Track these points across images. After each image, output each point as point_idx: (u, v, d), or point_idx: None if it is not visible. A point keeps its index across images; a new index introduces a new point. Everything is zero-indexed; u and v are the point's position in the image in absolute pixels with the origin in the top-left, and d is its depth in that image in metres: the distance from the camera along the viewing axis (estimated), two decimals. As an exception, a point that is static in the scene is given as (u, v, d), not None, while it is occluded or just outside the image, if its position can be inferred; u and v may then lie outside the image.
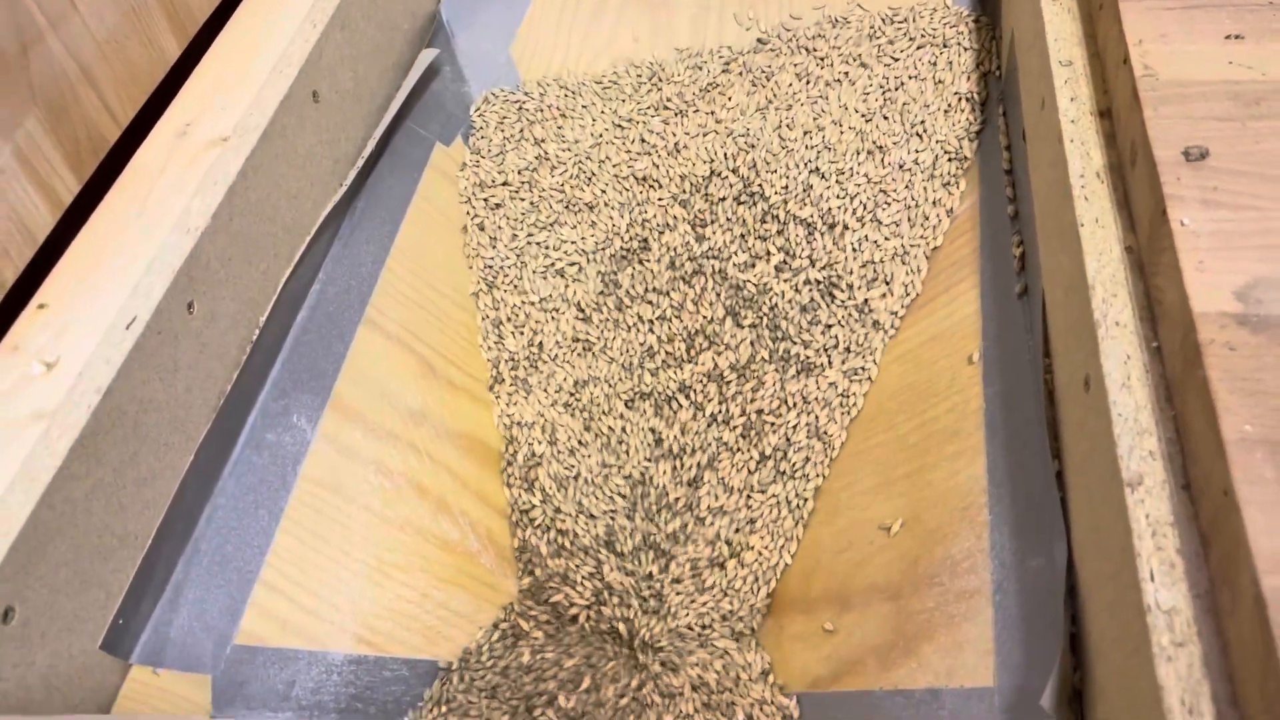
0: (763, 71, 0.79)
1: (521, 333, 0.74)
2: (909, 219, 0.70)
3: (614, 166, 0.77)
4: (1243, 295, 0.42)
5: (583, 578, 0.65)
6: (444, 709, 0.59)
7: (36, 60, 0.54)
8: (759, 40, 0.83)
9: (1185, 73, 0.51)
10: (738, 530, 0.66)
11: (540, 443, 0.70)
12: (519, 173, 0.79)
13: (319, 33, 0.68)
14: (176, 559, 0.55)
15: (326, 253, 0.70)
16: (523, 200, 0.77)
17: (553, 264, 0.75)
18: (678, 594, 0.64)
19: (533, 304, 0.75)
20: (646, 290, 0.70)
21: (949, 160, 0.72)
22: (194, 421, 0.56)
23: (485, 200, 0.80)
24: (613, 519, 0.67)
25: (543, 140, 0.81)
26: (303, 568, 0.59)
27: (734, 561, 0.65)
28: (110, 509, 0.49)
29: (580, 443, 0.69)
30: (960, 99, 0.74)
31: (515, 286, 0.75)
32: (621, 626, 0.63)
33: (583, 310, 0.74)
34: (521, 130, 0.82)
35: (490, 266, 0.76)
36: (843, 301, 0.69)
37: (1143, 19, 0.55)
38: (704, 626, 0.63)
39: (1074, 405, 0.50)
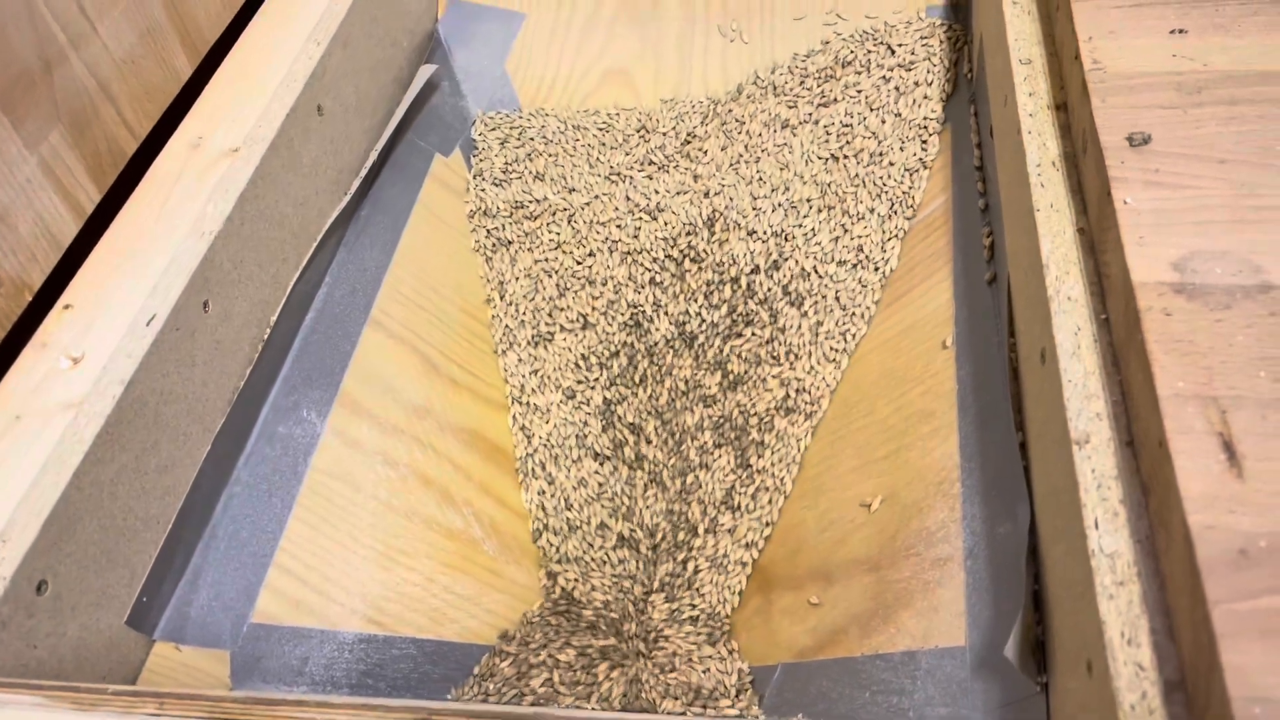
0: (737, 121, 0.84)
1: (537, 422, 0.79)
2: (860, 282, 0.74)
3: (604, 228, 0.81)
4: (1179, 266, 0.45)
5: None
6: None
7: (60, 78, 0.57)
8: (737, 88, 0.87)
9: (1131, 65, 0.55)
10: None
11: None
12: (521, 220, 0.83)
13: (322, 50, 0.72)
14: (196, 542, 0.59)
15: (333, 257, 0.74)
16: (528, 255, 0.82)
17: (559, 370, 0.79)
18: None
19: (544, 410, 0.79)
20: (645, 415, 0.74)
21: (901, 210, 0.76)
22: (210, 414, 0.60)
23: (488, 232, 0.84)
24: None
25: (543, 175, 0.85)
26: (314, 552, 0.63)
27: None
28: (134, 493, 0.53)
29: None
30: (921, 127, 0.78)
31: (528, 393, 0.79)
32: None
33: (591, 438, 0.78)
34: (522, 160, 0.86)
35: (506, 339, 0.80)
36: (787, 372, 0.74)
37: (1093, 17, 0.58)
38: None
39: (1033, 377, 0.53)
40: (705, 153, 0.83)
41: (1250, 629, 0.33)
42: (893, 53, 0.82)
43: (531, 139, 0.87)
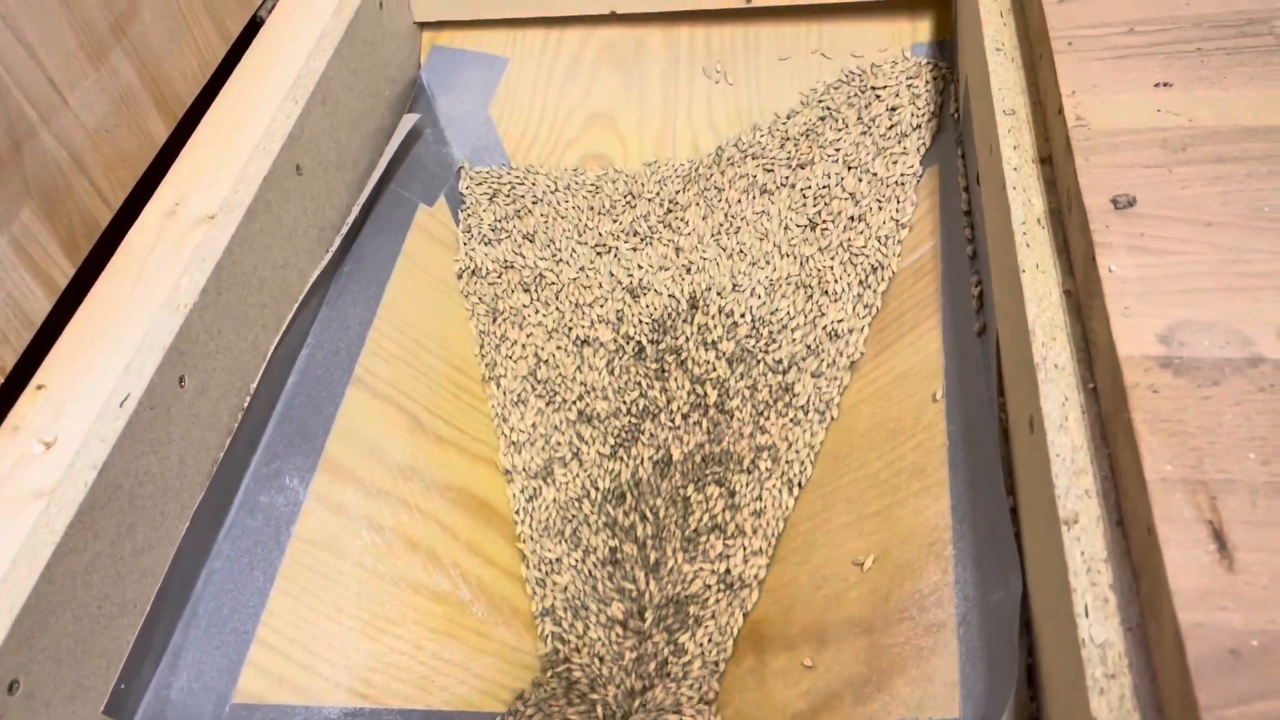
0: (716, 189, 0.83)
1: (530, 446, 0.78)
2: (835, 355, 0.74)
3: (589, 310, 0.81)
4: (1166, 338, 0.44)
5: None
6: None
7: (30, 155, 0.57)
8: (717, 150, 0.87)
9: (1115, 121, 0.54)
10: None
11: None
12: (514, 288, 0.83)
13: (300, 108, 0.72)
14: (175, 623, 0.58)
15: (315, 316, 0.73)
16: (519, 332, 0.81)
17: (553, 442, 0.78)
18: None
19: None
20: (638, 509, 0.74)
21: (876, 284, 0.75)
22: (189, 489, 0.59)
23: (480, 299, 0.83)
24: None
25: (533, 236, 0.85)
26: (298, 625, 0.62)
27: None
28: (109, 579, 0.52)
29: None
30: (898, 184, 0.78)
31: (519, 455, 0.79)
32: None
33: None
34: (510, 217, 0.86)
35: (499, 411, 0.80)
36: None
37: (1075, 69, 0.57)
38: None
39: (1022, 443, 0.52)
40: (686, 223, 0.82)
41: (1242, 740, 0.32)
42: (878, 97, 0.81)
43: (521, 196, 0.87)
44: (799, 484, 0.70)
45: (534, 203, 0.86)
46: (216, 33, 0.76)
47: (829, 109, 0.83)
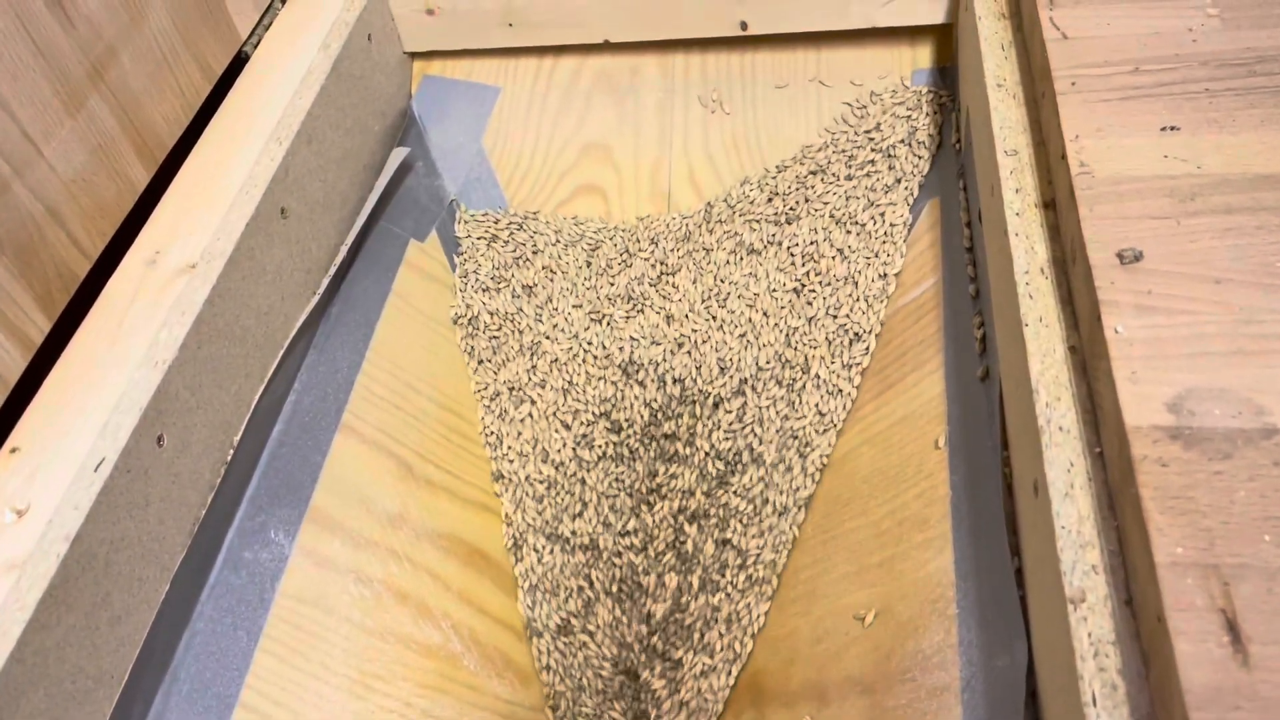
0: (704, 250, 0.82)
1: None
2: (818, 421, 0.72)
3: (584, 392, 0.79)
4: (1175, 407, 0.42)
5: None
6: None
7: (2, 210, 0.55)
8: (707, 205, 0.85)
9: (1121, 169, 0.52)
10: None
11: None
12: (507, 335, 0.81)
13: (285, 149, 0.70)
14: (155, 691, 0.56)
15: (301, 361, 0.72)
16: (517, 394, 0.80)
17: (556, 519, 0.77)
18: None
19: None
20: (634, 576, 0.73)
21: (860, 358, 0.74)
22: (168, 551, 0.57)
23: (472, 350, 0.82)
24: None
25: (533, 289, 0.83)
26: (283, 686, 0.60)
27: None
28: (84, 652, 0.50)
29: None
30: (886, 239, 0.76)
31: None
32: None
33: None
34: (510, 265, 0.84)
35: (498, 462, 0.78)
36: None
37: (1079, 111, 0.55)
38: None
39: (1027, 505, 0.50)
40: (677, 288, 0.81)
41: None
42: (870, 139, 0.80)
43: (521, 243, 0.85)
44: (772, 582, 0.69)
45: (534, 253, 0.85)
46: (199, 71, 0.74)
47: (820, 165, 0.81)
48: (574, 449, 0.77)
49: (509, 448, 0.78)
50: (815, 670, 0.62)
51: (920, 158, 0.78)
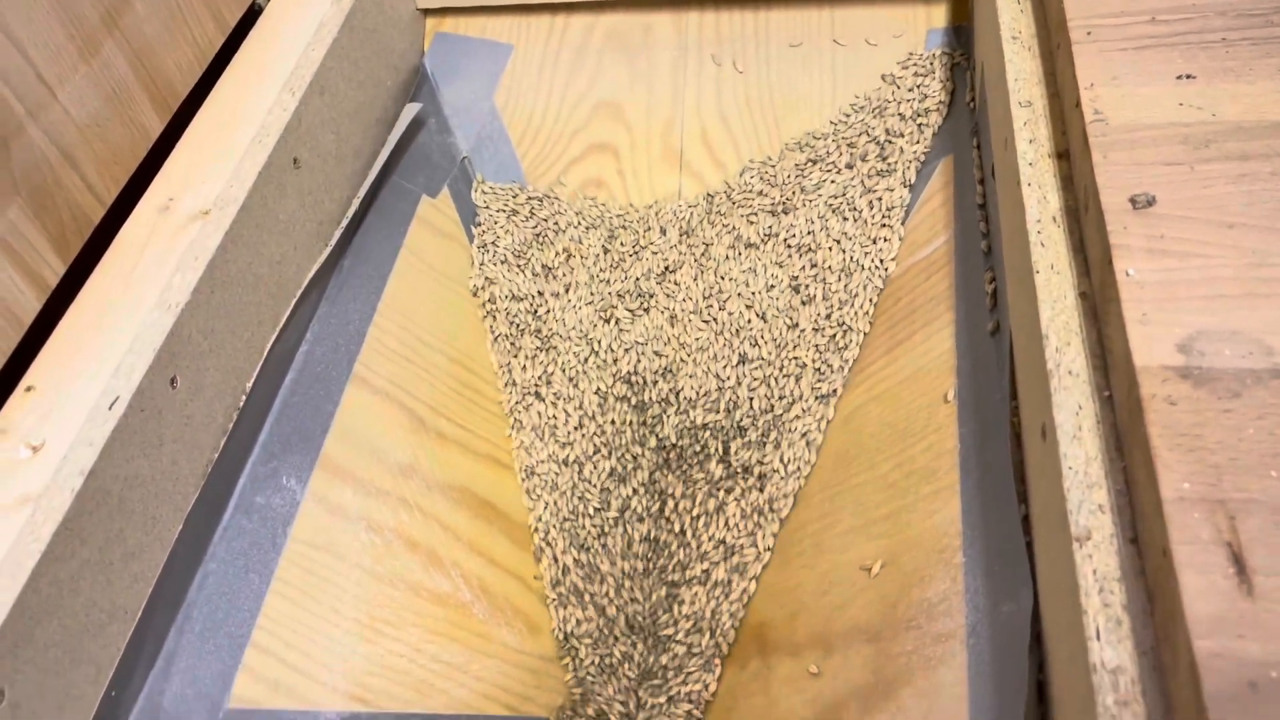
0: (704, 244, 0.82)
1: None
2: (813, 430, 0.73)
3: (588, 409, 0.79)
4: (1185, 348, 0.42)
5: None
6: None
7: (17, 151, 0.56)
8: (708, 195, 0.85)
9: (1136, 116, 0.52)
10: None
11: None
12: (526, 318, 0.82)
13: (298, 99, 0.70)
14: (168, 628, 0.57)
15: (313, 313, 0.72)
16: (531, 393, 0.81)
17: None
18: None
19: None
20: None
21: (851, 333, 0.74)
22: (182, 492, 0.58)
23: (496, 332, 0.82)
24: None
25: (553, 271, 0.83)
26: (294, 629, 0.61)
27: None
28: (98, 586, 0.51)
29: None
30: (884, 226, 0.76)
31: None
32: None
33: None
34: (531, 243, 0.84)
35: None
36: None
37: (1095, 61, 0.55)
38: None
39: (1034, 451, 0.50)
40: (679, 285, 0.81)
41: (1261, 782, 0.31)
42: (874, 123, 0.80)
43: (543, 219, 0.85)
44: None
45: (556, 232, 0.85)
46: (213, 22, 0.74)
47: (819, 154, 0.81)
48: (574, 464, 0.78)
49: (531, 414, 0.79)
50: (821, 621, 0.63)
51: (925, 137, 0.79)
